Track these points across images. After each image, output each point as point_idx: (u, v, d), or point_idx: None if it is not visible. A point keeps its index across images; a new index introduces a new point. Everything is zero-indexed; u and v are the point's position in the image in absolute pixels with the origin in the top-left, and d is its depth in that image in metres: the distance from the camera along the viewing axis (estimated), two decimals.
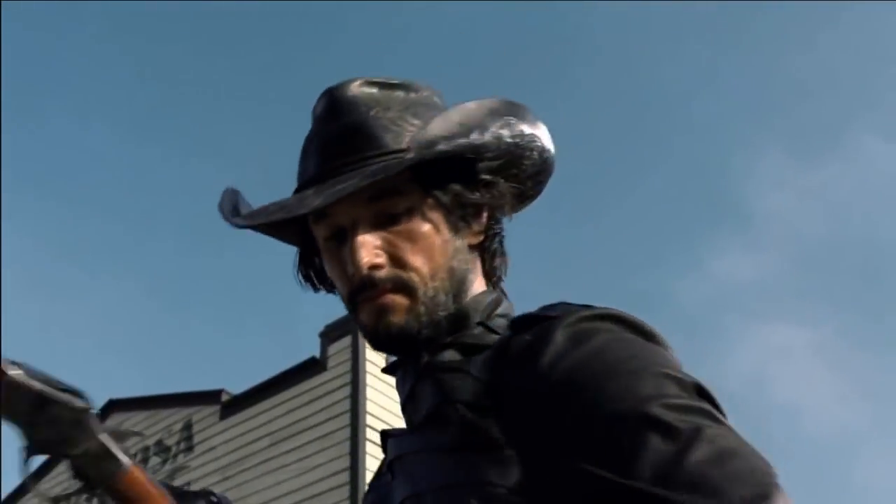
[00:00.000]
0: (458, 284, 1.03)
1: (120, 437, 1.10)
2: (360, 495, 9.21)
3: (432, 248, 1.01)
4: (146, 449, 13.18)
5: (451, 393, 0.95)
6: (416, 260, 1.00)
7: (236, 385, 12.74)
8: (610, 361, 0.86)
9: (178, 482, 12.41)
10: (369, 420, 10.72)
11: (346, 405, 11.03)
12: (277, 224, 1.06)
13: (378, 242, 0.99)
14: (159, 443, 13.05)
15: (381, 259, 0.99)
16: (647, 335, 0.93)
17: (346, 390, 11.16)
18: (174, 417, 13.10)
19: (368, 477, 9.99)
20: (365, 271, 0.98)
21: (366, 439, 10.43)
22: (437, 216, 1.02)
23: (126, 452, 1.10)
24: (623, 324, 0.92)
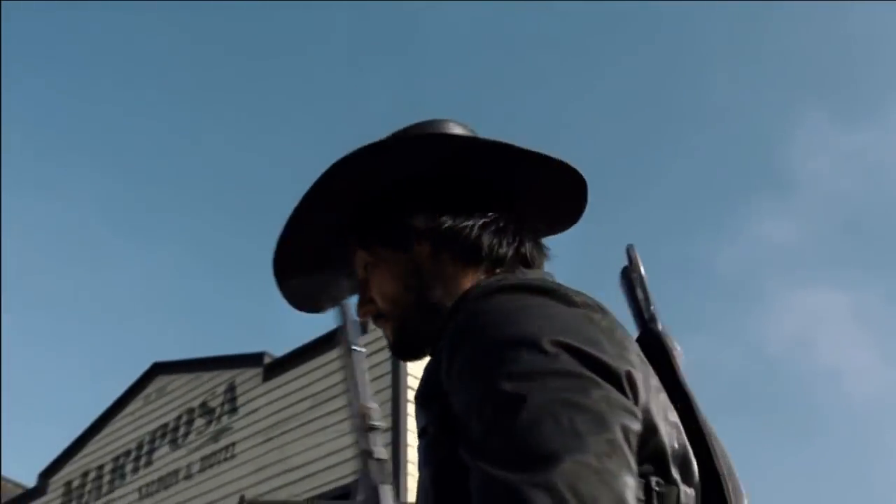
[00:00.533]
0: (419, 293, 1.22)
1: None
2: (402, 455, 9.39)
3: (384, 282, 1.24)
4: (191, 411, 13.35)
5: (421, 384, 1.09)
6: (377, 296, 1.26)
7: (278, 348, 12.85)
8: (477, 341, 0.95)
9: (221, 443, 12.60)
10: (410, 381, 10.74)
11: (388, 366, 11.05)
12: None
13: (364, 294, 1.29)
14: (203, 405, 13.21)
15: (367, 307, 1.30)
16: (550, 294, 0.99)
17: (387, 352, 11.15)
18: (218, 380, 13.24)
19: (410, 437, 10.07)
20: (363, 319, 1.32)
21: (406, 400, 10.45)
22: (378, 258, 1.24)
23: None
24: (524, 290, 1.00)
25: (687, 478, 0.95)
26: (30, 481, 15.92)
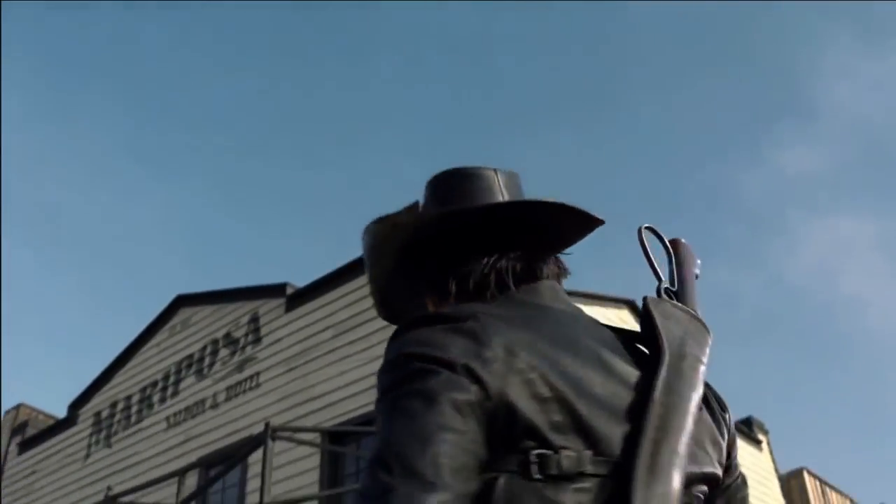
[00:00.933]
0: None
1: None
2: None
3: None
4: (215, 342, 13.47)
5: None
6: None
7: (300, 278, 12.88)
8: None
9: (246, 373, 12.71)
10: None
11: None
12: None
13: None
14: (227, 335, 13.32)
15: None
16: (435, 319, 1.19)
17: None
18: (241, 311, 13.32)
19: None
20: None
21: None
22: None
23: None
24: (417, 321, 1.20)
25: (592, 444, 1.10)
26: (60, 412, 16.22)
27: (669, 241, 1.44)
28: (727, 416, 1.34)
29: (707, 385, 1.27)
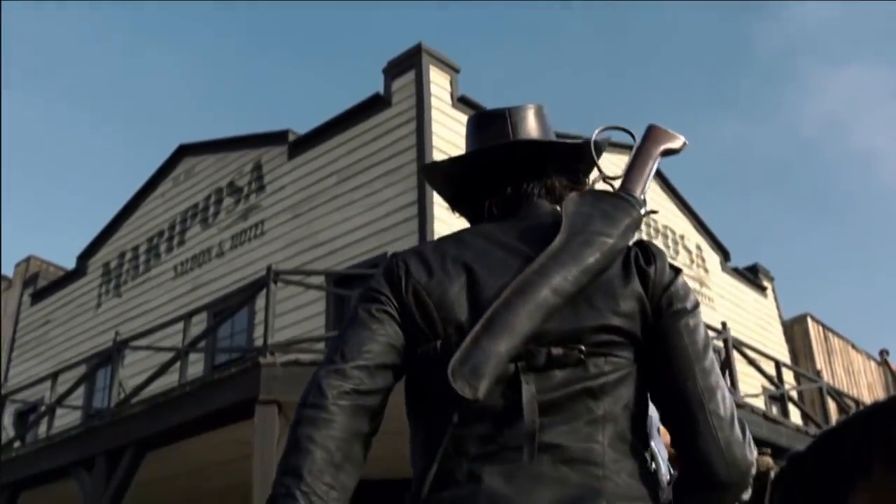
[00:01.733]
0: None
1: None
2: (428, 228, 9.31)
3: None
4: (219, 191, 13.41)
5: None
6: None
7: (302, 125, 12.69)
8: None
9: (250, 221, 12.71)
10: (435, 154, 10.61)
11: (412, 140, 10.91)
12: None
13: None
14: (231, 184, 13.24)
15: None
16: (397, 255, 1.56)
17: (411, 125, 11.00)
18: (244, 159, 13.20)
19: (436, 210, 10.04)
20: None
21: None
22: None
23: None
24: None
25: (457, 328, 1.43)
26: (69, 264, 16.34)
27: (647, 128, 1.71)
28: (652, 268, 1.47)
29: (634, 246, 1.51)
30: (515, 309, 1.37)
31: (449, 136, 11.01)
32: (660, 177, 15.19)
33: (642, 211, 1.55)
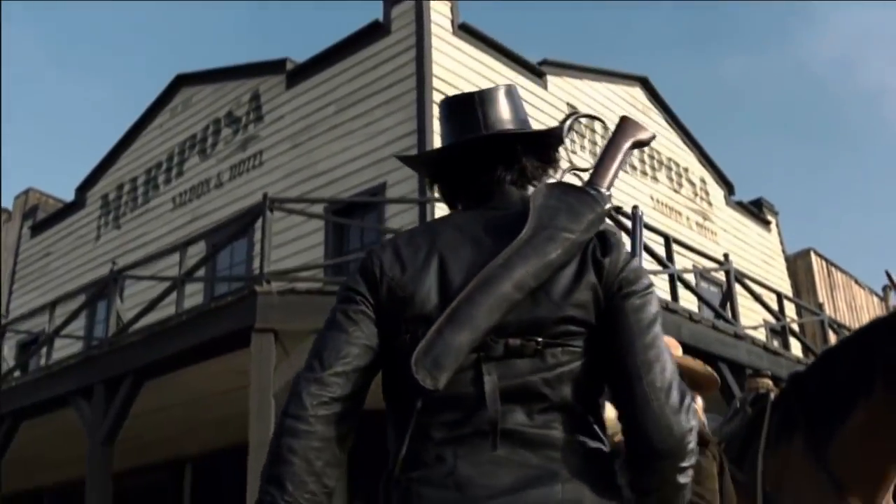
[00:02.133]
0: None
1: None
2: None
3: None
4: (217, 121, 13.24)
5: None
6: None
7: (300, 53, 12.47)
8: None
9: (249, 151, 12.57)
10: (435, 83, 10.42)
11: (412, 69, 10.71)
12: None
13: None
14: (229, 114, 13.07)
15: None
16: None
17: (411, 53, 10.80)
18: (241, 89, 13.01)
19: (435, 140, 9.87)
20: None
21: (432, 101, 10.17)
22: None
23: None
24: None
25: (426, 319, 1.49)
26: (68, 196, 16.24)
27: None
28: (608, 259, 1.54)
29: (594, 237, 1.56)
30: (478, 302, 1.46)
31: (449, 65, 10.80)
32: (665, 109, 14.98)
33: (607, 206, 1.62)
